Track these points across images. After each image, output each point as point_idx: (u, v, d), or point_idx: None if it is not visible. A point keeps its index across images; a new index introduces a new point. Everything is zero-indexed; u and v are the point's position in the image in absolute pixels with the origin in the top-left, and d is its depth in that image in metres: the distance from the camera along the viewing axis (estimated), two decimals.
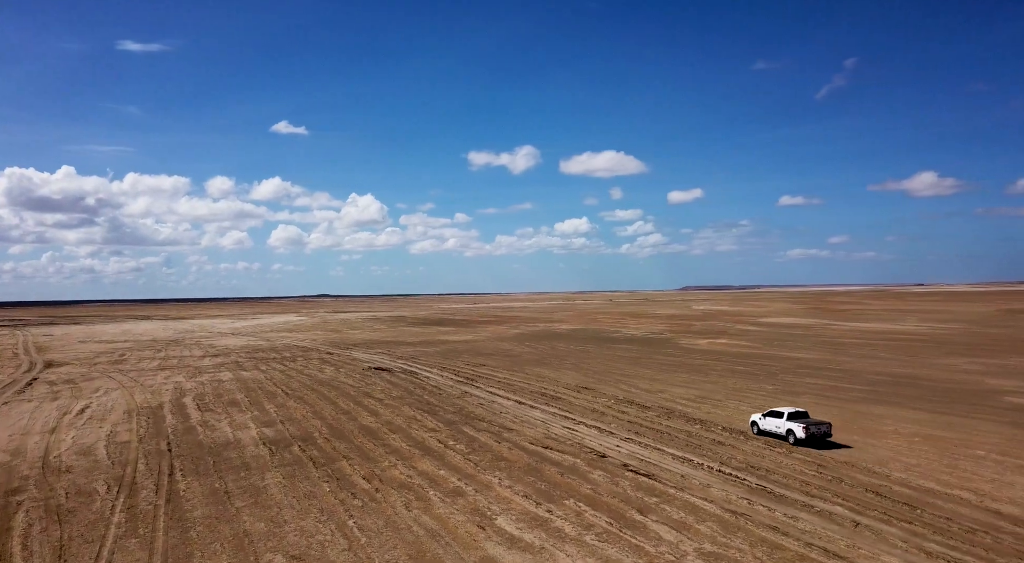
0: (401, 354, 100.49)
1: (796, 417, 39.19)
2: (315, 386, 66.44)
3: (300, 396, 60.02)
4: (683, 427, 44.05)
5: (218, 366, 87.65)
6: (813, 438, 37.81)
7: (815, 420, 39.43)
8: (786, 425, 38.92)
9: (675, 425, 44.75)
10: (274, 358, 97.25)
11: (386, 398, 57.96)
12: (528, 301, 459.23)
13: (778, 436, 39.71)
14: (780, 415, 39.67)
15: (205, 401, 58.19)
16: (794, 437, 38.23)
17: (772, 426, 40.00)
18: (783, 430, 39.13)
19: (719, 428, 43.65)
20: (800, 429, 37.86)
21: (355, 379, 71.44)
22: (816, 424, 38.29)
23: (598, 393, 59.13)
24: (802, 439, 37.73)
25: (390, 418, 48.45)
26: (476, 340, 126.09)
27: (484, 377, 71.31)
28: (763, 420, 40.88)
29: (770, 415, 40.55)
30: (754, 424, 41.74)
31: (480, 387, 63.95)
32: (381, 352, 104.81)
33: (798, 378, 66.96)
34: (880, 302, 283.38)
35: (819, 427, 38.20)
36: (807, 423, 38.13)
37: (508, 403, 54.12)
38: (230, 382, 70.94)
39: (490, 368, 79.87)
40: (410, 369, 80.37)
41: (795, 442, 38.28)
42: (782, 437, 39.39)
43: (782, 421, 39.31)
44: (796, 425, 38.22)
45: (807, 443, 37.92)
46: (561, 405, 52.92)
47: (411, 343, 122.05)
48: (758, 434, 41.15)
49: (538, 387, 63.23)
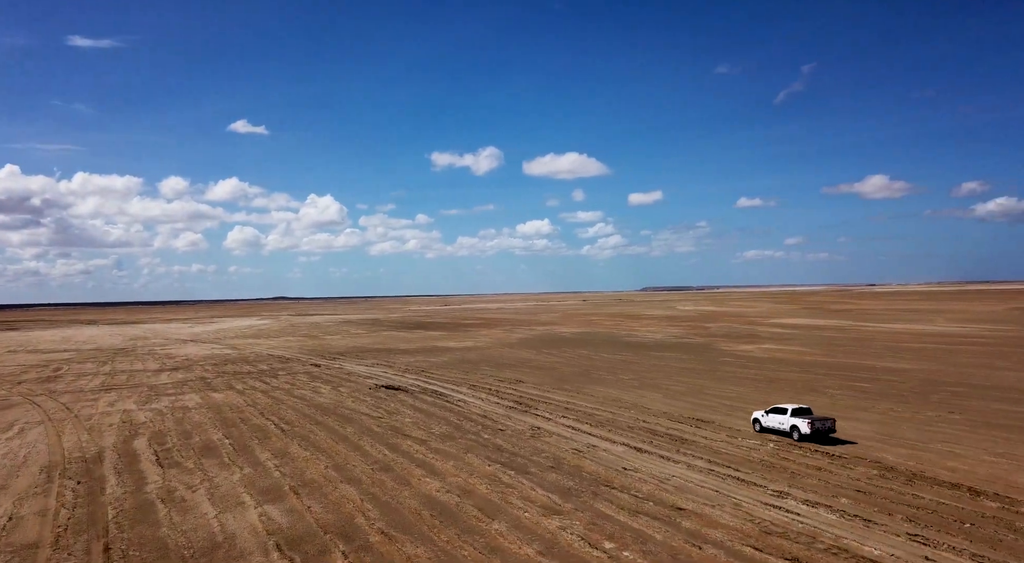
0: (404, 366, 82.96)
1: (800, 413, 39.19)
2: (317, 415, 48.95)
3: (304, 435, 42.55)
4: (974, 508, 28.02)
5: (180, 385, 69.17)
6: (818, 433, 37.90)
7: (819, 416, 39.52)
8: (790, 421, 38.91)
9: (959, 505, 28.66)
10: (249, 372, 78.90)
11: (429, 437, 40.88)
12: (500, 302, 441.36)
13: (781, 432, 39.58)
14: (784, 411, 39.69)
15: (167, 446, 40.34)
16: (798, 433, 38.23)
17: (776, 423, 39.86)
18: (787, 426, 39.07)
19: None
20: (805, 425, 37.84)
21: (367, 404, 54.01)
22: (820, 420, 38.36)
23: (721, 427, 42.89)
24: (807, 435, 37.76)
25: (463, 481, 31.43)
26: (480, 347, 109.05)
27: (537, 400, 54.54)
28: (766, 417, 40.59)
29: (773, 412, 40.37)
30: (756, 421, 41.36)
31: (547, 417, 47.19)
32: (377, 363, 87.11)
33: (958, 399, 51.66)
34: (871, 302, 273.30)
35: (823, 423, 38.25)
36: (812, 419, 38.11)
37: (616, 448, 37.48)
38: (199, 410, 52.88)
39: (533, 385, 63.07)
40: (429, 387, 63.15)
41: (799, 438, 38.19)
42: (786, 433, 39.23)
43: (786, 417, 39.26)
44: (801, 421, 38.19)
45: (812, 438, 37.93)
46: (699, 451, 36.50)
47: (406, 351, 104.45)
48: (760, 431, 40.84)
49: (629, 417, 46.69)
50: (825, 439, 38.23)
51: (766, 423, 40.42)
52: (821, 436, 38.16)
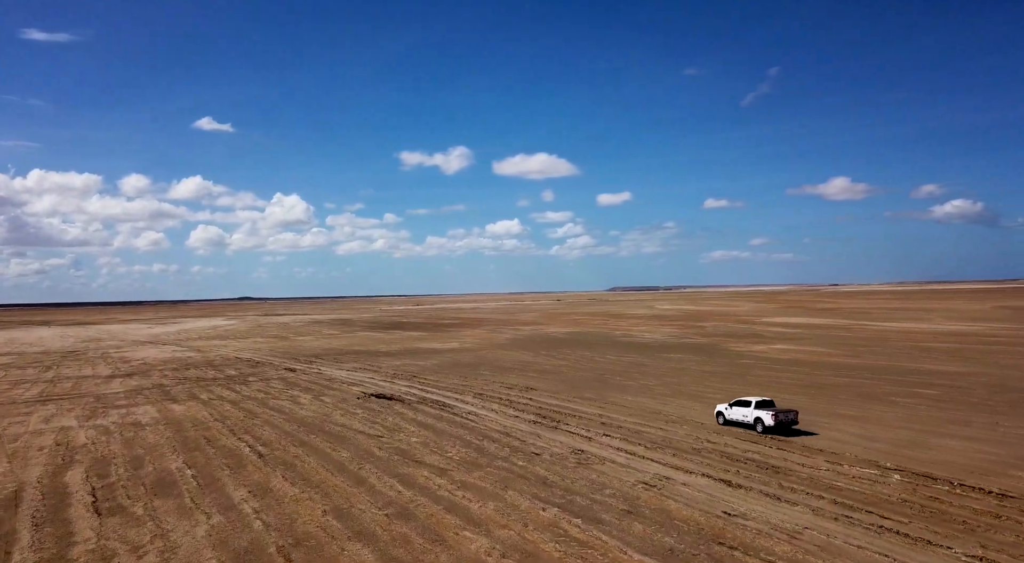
0: (391, 370, 74.07)
1: (764, 405, 38.95)
2: (302, 434, 40.10)
3: (288, 461, 33.71)
4: None
5: (134, 394, 59.55)
6: (781, 425, 37.68)
7: (783, 408, 39.61)
8: (754, 413, 38.65)
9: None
10: (215, 379, 69.36)
11: (448, 465, 32.34)
12: (472, 302, 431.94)
13: (745, 425, 39.31)
14: (748, 404, 39.40)
15: (110, 480, 31.25)
16: (762, 425, 37.92)
17: (739, 415, 39.60)
18: (751, 419, 38.79)
19: None
20: (769, 417, 37.64)
21: (360, 418, 45.22)
22: (784, 412, 38.32)
23: (809, 449, 35.02)
24: (771, 426, 37.48)
25: (517, 536, 22.98)
26: (470, 348, 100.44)
27: (562, 412, 46.26)
28: (730, 410, 40.36)
29: (737, 404, 40.11)
30: (719, 414, 41.10)
31: (585, 436, 38.92)
32: (359, 367, 78.07)
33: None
34: (850, 301, 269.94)
35: (787, 415, 38.23)
36: (776, 411, 37.97)
37: (696, 480, 29.34)
38: (155, 427, 43.63)
39: (548, 393, 54.77)
40: (428, 396, 54.52)
41: (763, 430, 37.92)
42: (750, 426, 38.95)
43: (750, 410, 38.99)
44: (765, 413, 37.98)
45: (775, 431, 37.61)
46: (807, 484, 28.53)
47: (388, 353, 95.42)
48: (723, 424, 40.49)
49: (686, 435, 38.62)
50: (788, 431, 38.06)
51: (730, 416, 40.29)
52: (784, 428, 37.98)
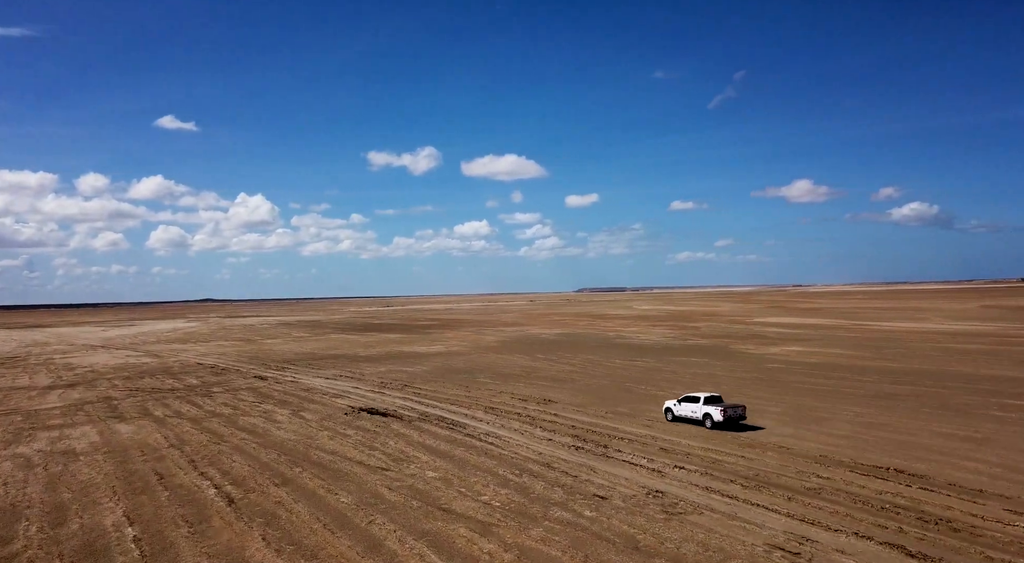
0: (378, 378, 65.06)
1: (712, 401, 38.82)
2: (283, 466, 31.15)
3: (270, 511, 24.80)
4: None
5: (73, 409, 49.79)
6: (730, 421, 37.56)
7: (731, 403, 39.69)
8: (703, 409, 38.49)
9: None
10: (174, 389, 59.70)
11: (491, 516, 23.74)
12: (444, 303, 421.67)
13: (694, 421, 39.05)
14: (696, 400, 39.30)
15: (12, 547, 22.04)
16: (711, 421, 37.75)
17: (688, 411, 39.45)
18: (699, 414, 38.60)
19: None
20: (718, 412, 37.47)
21: (353, 442, 36.31)
22: (732, 407, 38.23)
23: (990, 494, 27.21)
24: (719, 422, 37.34)
25: None
26: (459, 352, 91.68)
27: (603, 433, 37.94)
28: (678, 406, 40.23)
29: (686, 401, 39.93)
30: (668, 410, 40.94)
31: (651, 468, 30.61)
32: (340, 374, 68.90)
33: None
34: (828, 301, 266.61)
35: (735, 410, 38.14)
36: (724, 407, 37.81)
37: (867, 547, 21.20)
38: (92, 458, 34.24)
39: (573, 407, 46.40)
40: (430, 412, 45.81)
41: (712, 426, 37.69)
42: (699, 422, 38.70)
43: (699, 406, 38.89)
44: (713, 409, 37.85)
45: (724, 426, 37.35)
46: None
47: (369, 358, 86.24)
48: (672, 421, 40.29)
49: (800, 471, 30.56)
50: (736, 426, 38.00)
51: (678, 412, 40.25)
52: (733, 423, 37.93)
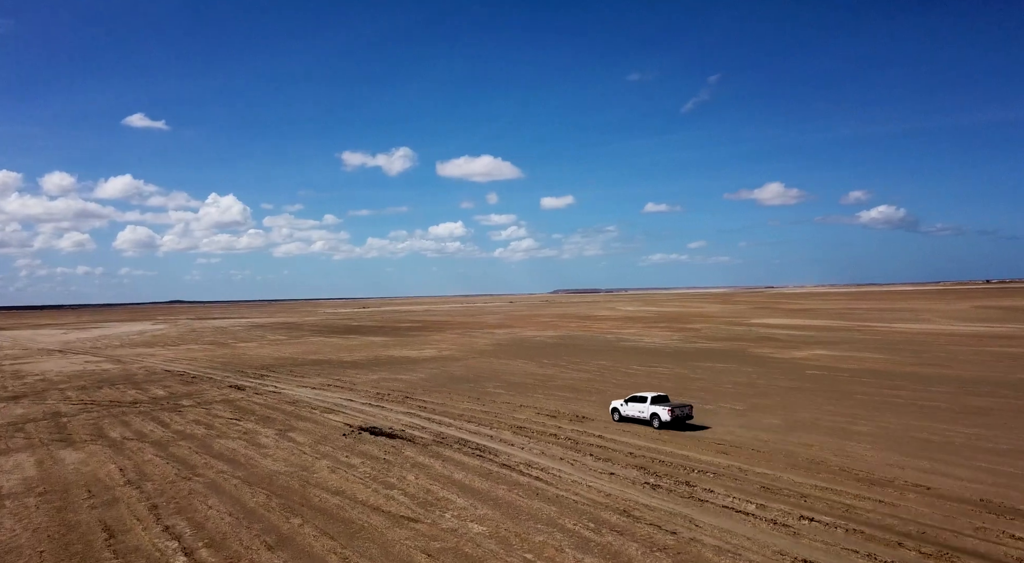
0: (372, 388, 57.17)
1: (659, 401, 38.50)
2: (277, 517, 23.42)
3: None
4: None
5: (11, 430, 41.36)
6: (677, 421, 37.26)
7: (679, 402, 39.62)
8: (650, 409, 37.99)
9: None
10: (136, 402, 51.29)
11: None
12: (422, 305, 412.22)
13: (641, 421, 38.52)
14: (643, 400, 38.74)
15: None
16: (659, 420, 37.34)
17: (635, 411, 38.87)
18: (647, 414, 38.09)
19: None
20: (666, 412, 37.10)
21: (362, 478, 28.60)
22: (680, 406, 37.94)
23: None
24: (667, 422, 37.00)
25: None
26: (454, 358, 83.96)
27: (669, 463, 30.62)
28: (625, 406, 39.57)
29: (632, 401, 39.35)
30: (615, 411, 40.25)
31: (768, 520, 23.33)
32: (327, 383, 60.87)
33: None
34: (814, 301, 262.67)
35: (682, 409, 37.84)
36: (671, 406, 37.50)
37: None
38: (21, 503, 26.12)
39: (618, 426, 39.04)
40: (446, 433, 38.18)
41: (660, 426, 37.28)
42: (646, 421, 38.19)
43: (646, 405, 38.35)
44: (661, 408, 37.43)
45: (672, 425, 37.03)
46: None
47: (356, 364, 78.18)
48: (619, 421, 39.65)
49: (946, 517, 23.48)
50: (683, 426, 37.53)
51: (625, 412, 39.59)
52: (680, 423, 37.54)
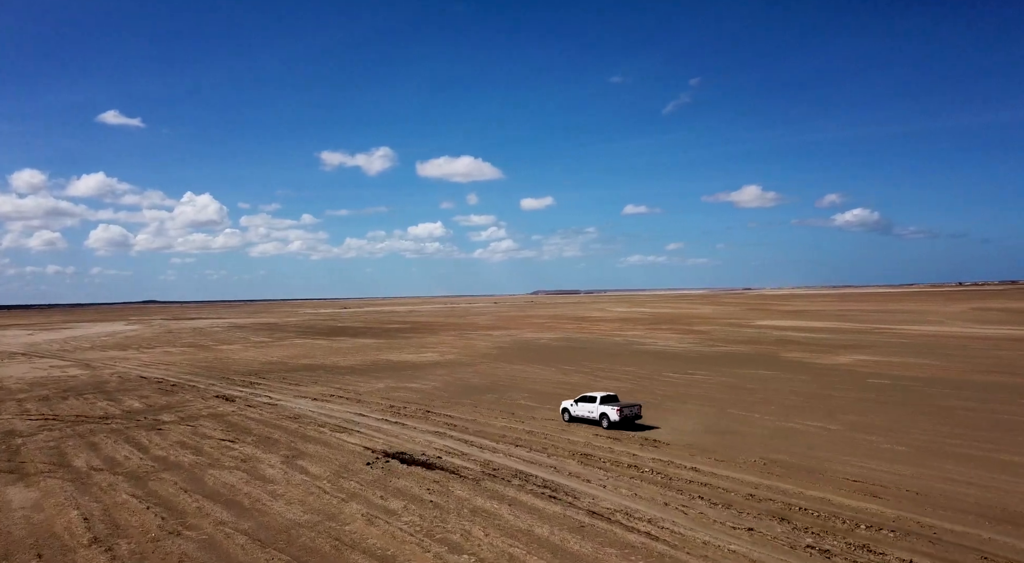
0: (383, 399, 49.97)
1: (608, 400, 38.47)
2: None
3: None
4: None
5: None
6: (626, 420, 37.27)
7: (627, 402, 39.57)
8: (599, 409, 38.06)
9: None
10: (107, 417, 43.64)
11: None
12: (404, 305, 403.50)
13: (590, 421, 38.65)
14: (593, 400, 38.78)
15: None
16: (608, 420, 37.38)
17: (585, 411, 38.92)
18: (596, 414, 38.16)
19: None
20: (614, 412, 37.10)
21: (410, 530, 21.58)
22: (629, 406, 37.92)
23: None
24: (616, 422, 37.01)
25: None
26: (460, 363, 76.90)
27: (796, 506, 23.95)
28: (575, 406, 39.59)
29: (582, 401, 39.37)
30: (565, 411, 40.25)
31: None
32: (329, 393, 53.52)
33: None
34: (802, 303, 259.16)
35: (631, 409, 37.83)
36: (621, 406, 37.51)
37: None
38: None
39: (709, 455, 32.31)
40: (492, 461, 31.23)
41: (608, 425, 37.36)
42: (595, 421, 38.30)
43: (595, 405, 38.41)
44: (610, 408, 37.47)
45: (620, 425, 37.05)
46: None
47: (353, 369, 70.86)
48: (569, 421, 39.72)
49: None
50: (632, 425, 37.49)
51: (575, 413, 39.45)
52: (628, 422, 37.42)
